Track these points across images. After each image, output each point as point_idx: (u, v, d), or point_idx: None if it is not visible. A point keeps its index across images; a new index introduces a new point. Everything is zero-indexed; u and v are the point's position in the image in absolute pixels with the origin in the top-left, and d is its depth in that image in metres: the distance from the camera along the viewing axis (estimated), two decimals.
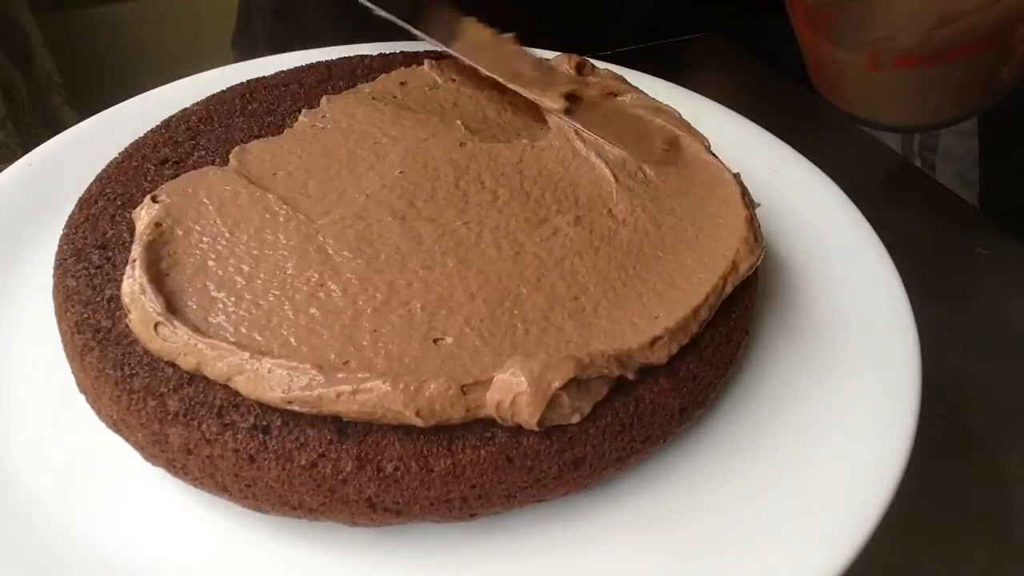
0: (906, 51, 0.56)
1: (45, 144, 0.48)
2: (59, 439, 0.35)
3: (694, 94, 0.56)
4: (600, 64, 0.49)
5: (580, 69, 0.47)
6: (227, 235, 0.36)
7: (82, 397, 0.35)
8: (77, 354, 0.34)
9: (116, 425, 0.33)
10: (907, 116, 0.60)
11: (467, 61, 0.46)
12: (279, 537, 0.33)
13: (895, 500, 0.33)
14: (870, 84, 0.57)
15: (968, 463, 0.45)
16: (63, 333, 0.35)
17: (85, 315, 0.34)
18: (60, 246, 0.38)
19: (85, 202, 0.40)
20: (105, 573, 0.31)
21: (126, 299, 0.34)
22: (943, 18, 0.53)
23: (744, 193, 0.40)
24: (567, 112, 0.43)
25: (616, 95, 0.46)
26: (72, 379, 0.35)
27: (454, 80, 0.47)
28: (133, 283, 0.34)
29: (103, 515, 0.33)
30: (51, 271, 0.37)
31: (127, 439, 0.33)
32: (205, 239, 0.36)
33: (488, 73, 0.45)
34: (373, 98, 0.45)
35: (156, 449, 0.32)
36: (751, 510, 0.34)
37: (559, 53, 0.49)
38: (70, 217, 0.39)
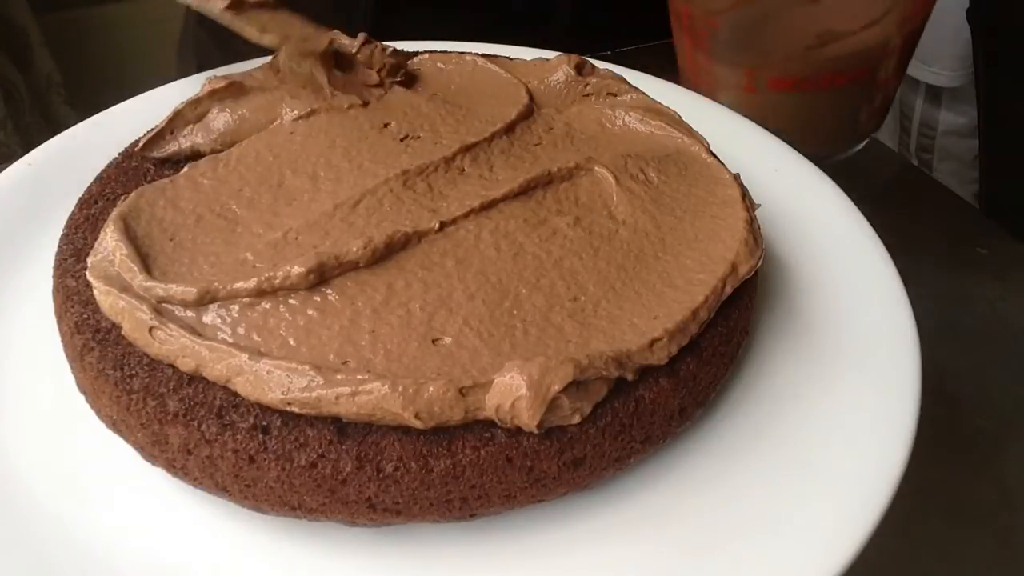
0: (783, 71, 0.57)
1: (45, 144, 0.48)
2: (59, 439, 0.35)
3: (694, 94, 0.56)
4: (600, 64, 0.49)
5: (580, 69, 0.47)
6: (219, 230, 0.36)
7: (82, 397, 0.35)
8: (77, 354, 0.34)
9: (116, 425, 0.33)
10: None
11: None
12: (279, 537, 0.33)
13: (895, 500, 0.33)
14: (745, 105, 0.58)
15: (968, 463, 0.45)
16: (63, 333, 0.35)
17: (85, 315, 0.34)
18: (60, 246, 0.38)
19: (85, 202, 0.40)
20: (104, 573, 0.31)
21: (110, 315, 0.33)
22: (820, 37, 0.55)
23: (744, 195, 0.40)
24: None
25: (616, 95, 0.46)
26: (72, 379, 0.35)
27: None
28: (115, 299, 0.33)
29: (102, 515, 0.33)
30: (51, 271, 0.37)
31: (127, 439, 0.33)
32: (186, 236, 0.36)
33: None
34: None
35: (156, 449, 0.32)
36: (751, 510, 0.34)
37: (559, 53, 0.49)
38: (70, 217, 0.39)
